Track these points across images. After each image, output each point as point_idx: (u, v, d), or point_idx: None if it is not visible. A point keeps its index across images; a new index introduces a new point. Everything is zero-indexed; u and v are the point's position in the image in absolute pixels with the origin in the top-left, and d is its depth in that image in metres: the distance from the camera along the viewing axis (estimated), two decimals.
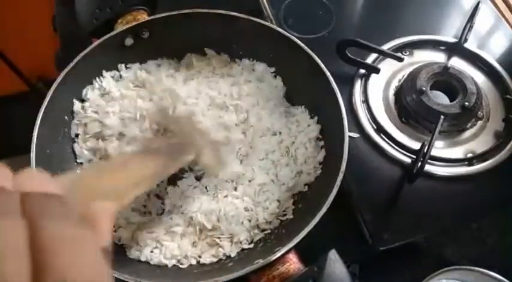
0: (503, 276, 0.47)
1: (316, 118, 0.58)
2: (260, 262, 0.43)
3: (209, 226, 0.51)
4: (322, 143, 0.56)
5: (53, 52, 0.76)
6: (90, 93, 0.58)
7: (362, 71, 0.66)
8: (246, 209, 0.53)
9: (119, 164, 0.39)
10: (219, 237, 0.51)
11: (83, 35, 0.62)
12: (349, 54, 0.63)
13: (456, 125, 0.61)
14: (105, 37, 0.56)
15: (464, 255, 0.56)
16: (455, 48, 0.68)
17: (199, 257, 0.51)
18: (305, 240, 0.44)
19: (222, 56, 0.64)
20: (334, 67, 0.56)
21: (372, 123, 0.62)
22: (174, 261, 0.50)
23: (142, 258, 0.50)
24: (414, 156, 0.58)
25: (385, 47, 0.67)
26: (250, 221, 0.52)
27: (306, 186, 0.55)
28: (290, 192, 0.55)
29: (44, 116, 0.51)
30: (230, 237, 0.51)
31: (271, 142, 0.57)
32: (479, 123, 0.63)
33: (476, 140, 0.61)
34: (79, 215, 0.19)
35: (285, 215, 0.53)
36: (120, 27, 0.59)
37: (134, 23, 0.58)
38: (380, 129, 0.61)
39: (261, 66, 0.62)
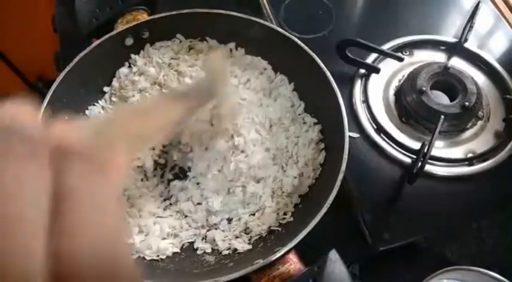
0: (503, 276, 0.47)
1: (316, 119, 0.58)
2: (260, 262, 0.43)
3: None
4: (322, 145, 0.56)
5: (53, 52, 0.76)
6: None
7: (362, 71, 0.66)
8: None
9: (146, 107, 0.40)
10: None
11: (83, 35, 0.62)
12: (349, 54, 0.63)
13: (456, 125, 0.61)
14: (105, 37, 0.56)
15: (464, 255, 0.56)
16: (456, 48, 0.68)
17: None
18: (305, 240, 0.44)
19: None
20: (334, 67, 0.56)
21: (372, 123, 0.62)
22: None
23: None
24: (414, 156, 0.58)
25: (385, 47, 0.67)
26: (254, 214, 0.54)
27: (307, 188, 0.55)
28: (291, 194, 0.55)
29: (43, 116, 0.51)
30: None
31: (278, 140, 0.57)
32: (480, 123, 0.62)
33: (476, 140, 0.61)
34: (99, 165, 0.19)
35: (285, 218, 0.53)
36: (120, 27, 0.59)
37: (134, 23, 0.58)
38: (380, 129, 0.61)
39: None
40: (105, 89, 0.60)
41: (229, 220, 0.54)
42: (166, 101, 0.41)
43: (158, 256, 0.51)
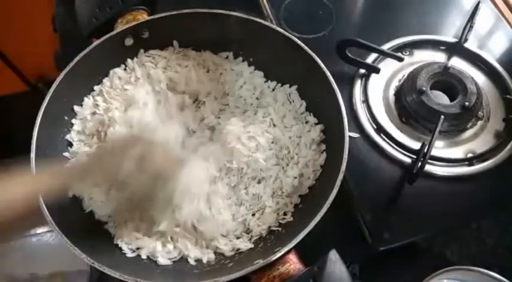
0: (503, 276, 0.47)
1: (317, 119, 0.58)
2: (260, 262, 0.43)
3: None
4: (323, 146, 0.56)
5: (53, 52, 0.76)
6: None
7: (362, 71, 0.66)
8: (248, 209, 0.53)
9: None
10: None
11: (83, 35, 0.62)
12: (349, 54, 0.63)
13: (456, 125, 0.61)
14: (105, 37, 0.56)
15: (464, 255, 0.56)
16: (456, 48, 0.68)
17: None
18: (305, 240, 0.44)
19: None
20: (334, 67, 0.56)
21: (372, 123, 0.62)
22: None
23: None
24: (414, 156, 0.58)
25: (385, 47, 0.67)
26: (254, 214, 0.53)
27: (307, 189, 0.55)
28: (291, 195, 0.55)
29: (44, 116, 0.51)
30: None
31: (281, 140, 0.57)
32: (480, 123, 0.62)
33: (476, 140, 0.61)
34: None
35: (285, 218, 0.53)
36: (120, 27, 0.59)
37: (134, 23, 0.58)
38: (380, 129, 0.61)
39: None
40: (95, 87, 0.59)
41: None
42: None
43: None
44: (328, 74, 0.54)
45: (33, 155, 0.49)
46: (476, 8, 0.69)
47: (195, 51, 0.63)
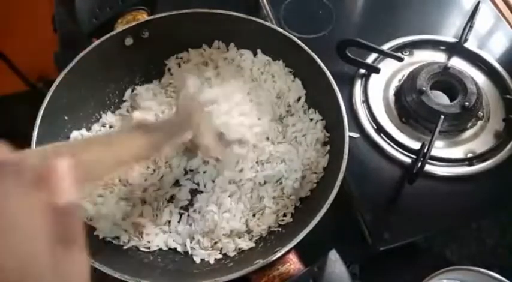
0: (503, 276, 0.47)
1: (321, 119, 0.58)
2: (260, 262, 0.43)
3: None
4: (327, 148, 0.56)
5: (53, 52, 0.76)
6: None
7: (362, 71, 0.66)
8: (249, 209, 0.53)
9: (107, 140, 0.40)
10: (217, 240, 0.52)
11: (83, 35, 0.62)
12: (349, 54, 0.63)
13: (456, 125, 0.61)
14: (105, 37, 0.56)
15: (464, 255, 0.56)
16: (456, 48, 0.68)
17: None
18: (305, 240, 0.44)
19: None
20: (334, 67, 0.56)
21: (372, 123, 0.62)
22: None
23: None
24: (414, 156, 0.58)
25: (385, 47, 0.67)
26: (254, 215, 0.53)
27: (308, 192, 0.55)
28: (292, 196, 0.55)
29: (44, 116, 0.51)
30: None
31: (285, 147, 0.57)
32: (480, 123, 0.62)
33: (476, 140, 0.61)
34: (33, 177, 0.22)
35: (284, 219, 0.53)
36: (120, 27, 0.59)
37: (134, 23, 0.58)
38: (380, 129, 0.61)
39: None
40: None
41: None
42: (132, 135, 0.41)
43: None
44: (328, 74, 0.54)
45: None
46: (476, 8, 0.69)
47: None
